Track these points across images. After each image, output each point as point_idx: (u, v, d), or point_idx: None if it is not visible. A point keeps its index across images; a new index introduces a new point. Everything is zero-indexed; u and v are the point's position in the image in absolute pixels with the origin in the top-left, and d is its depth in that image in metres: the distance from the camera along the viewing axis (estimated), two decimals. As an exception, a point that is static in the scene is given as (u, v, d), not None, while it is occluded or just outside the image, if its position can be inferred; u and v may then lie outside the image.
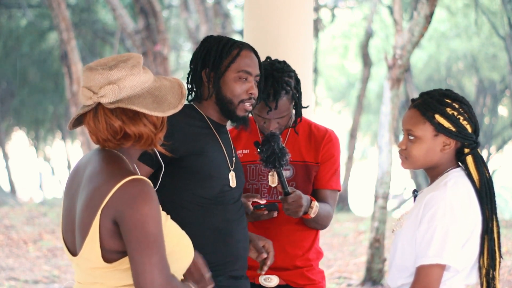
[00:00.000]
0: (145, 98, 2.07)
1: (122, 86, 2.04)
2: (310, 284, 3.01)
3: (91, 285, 2.09)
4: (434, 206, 2.27)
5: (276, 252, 2.97)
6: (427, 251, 2.24)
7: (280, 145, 2.64)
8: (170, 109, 2.08)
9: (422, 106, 2.36)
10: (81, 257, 2.07)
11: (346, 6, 19.25)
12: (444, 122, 2.34)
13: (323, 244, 9.93)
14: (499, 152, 21.33)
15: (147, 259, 1.98)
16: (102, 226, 2.01)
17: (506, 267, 8.45)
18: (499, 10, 16.09)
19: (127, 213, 1.98)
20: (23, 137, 23.08)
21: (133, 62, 2.07)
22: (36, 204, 15.83)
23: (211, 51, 2.59)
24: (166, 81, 2.16)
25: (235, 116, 2.60)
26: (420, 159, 2.38)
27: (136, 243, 1.98)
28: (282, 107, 2.86)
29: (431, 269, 2.24)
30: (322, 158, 2.98)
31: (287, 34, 3.82)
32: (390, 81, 7.34)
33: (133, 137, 2.08)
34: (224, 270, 2.56)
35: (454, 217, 2.26)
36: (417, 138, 2.36)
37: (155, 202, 2.01)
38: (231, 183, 2.59)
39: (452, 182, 2.32)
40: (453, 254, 2.24)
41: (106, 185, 2.00)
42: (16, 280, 7.76)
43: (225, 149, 2.62)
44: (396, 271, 2.39)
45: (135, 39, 10.02)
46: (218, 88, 2.58)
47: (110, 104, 2.04)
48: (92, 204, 2.02)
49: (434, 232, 2.24)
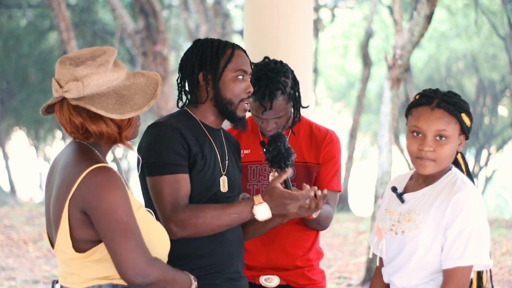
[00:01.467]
0: (109, 97, 2.07)
1: (86, 83, 2.05)
2: (311, 284, 3.01)
3: (69, 276, 2.11)
4: (466, 207, 2.29)
5: (277, 252, 2.98)
6: (464, 253, 2.27)
7: (286, 145, 2.65)
8: (132, 111, 2.07)
9: (449, 106, 2.33)
10: (57, 249, 2.09)
11: (346, 6, 19.24)
12: (467, 121, 2.36)
13: (323, 244, 9.93)
14: (499, 152, 21.31)
15: (123, 247, 1.99)
16: (71, 217, 2.03)
17: (506, 267, 8.45)
18: (499, 10, 16.08)
19: (93, 203, 1.99)
20: (23, 137, 23.06)
21: (101, 60, 2.07)
22: (36, 204, 15.82)
23: (206, 53, 2.57)
24: (141, 78, 2.15)
25: (235, 117, 2.59)
26: (447, 160, 2.36)
27: (108, 231, 1.99)
28: (278, 107, 2.86)
29: (466, 270, 2.28)
30: (323, 159, 2.98)
31: (287, 34, 3.81)
32: (390, 81, 7.34)
33: (94, 135, 2.09)
34: (221, 272, 2.56)
35: (483, 216, 2.31)
36: (448, 138, 2.33)
37: (120, 188, 2.01)
38: (222, 188, 2.57)
39: (467, 180, 2.37)
40: (487, 253, 2.30)
41: (72, 175, 2.03)
42: (16, 280, 7.76)
43: (219, 153, 2.61)
44: (409, 272, 2.38)
45: (135, 39, 10.01)
46: (217, 90, 2.56)
47: (73, 100, 2.06)
48: (61, 195, 2.04)
49: (471, 233, 2.27)
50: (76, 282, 2.09)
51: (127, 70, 2.17)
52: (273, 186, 2.43)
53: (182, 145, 2.46)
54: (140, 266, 2.00)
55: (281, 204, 2.43)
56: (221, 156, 2.61)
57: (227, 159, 2.63)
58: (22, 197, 20.02)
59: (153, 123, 2.54)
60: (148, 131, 2.52)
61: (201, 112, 2.60)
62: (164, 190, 2.43)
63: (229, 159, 2.65)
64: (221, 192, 2.57)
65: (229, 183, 2.61)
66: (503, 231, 11.03)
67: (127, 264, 2.00)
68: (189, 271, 2.45)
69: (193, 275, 2.28)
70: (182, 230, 2.39)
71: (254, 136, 3.02)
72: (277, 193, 2.42)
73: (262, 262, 2.98)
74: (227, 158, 2.64)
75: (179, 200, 2.43)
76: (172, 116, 2.59)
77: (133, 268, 2.00)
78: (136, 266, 2.00)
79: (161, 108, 9.92)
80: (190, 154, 2.48)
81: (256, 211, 2.43)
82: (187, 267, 2.48)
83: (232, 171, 2.65)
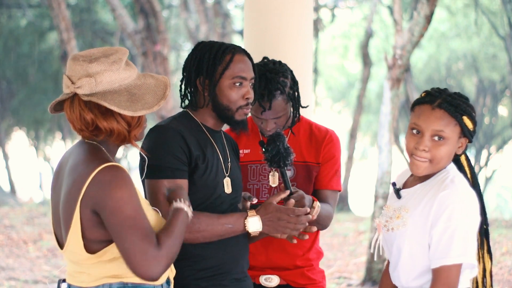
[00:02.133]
0: (120, 95, 2.08)
1: (99, 80, 2.07)
2: (311, 284, 3.01)
3: (78, 275, 2.12)
4: (450, 205, 2.26)
5: (277, 252, 2.98)
6: (449, 251, 2.24)
7: (285, 145, 2.65)
8: (143, 109, 2.09)
9: (451, 107, 2.31)
10: (67, 250, 2.10)
11: (346, 6, 19.24)
12: (469, 124, 2.33)
13: (323, 244, 9.93)
14: (499, 152, 21.30)
15: (130, 243, 1.99)
16: (82, 217, 2.03)
17: (506, 267, 8.45)
18: (499, 10, 16.08)
19: (102, 201, 2.00)
20: (23, 137, 23.05)
21: (114, 58, 2.09)
22: (36, 204, 15.82)
23: (204, 59, 2.55)
24: (151, 80, 2.16)
25: (234, 121, 2.58)
26: (443, 161, 2.34)
27: (116, 229, 2.00)
28: (277, 108, 2.86)
29: (453, 269, 2.25)
30: (323, 158, 2.98)
31: (287, 34, 3.81)
32: (390, 81, 7.34)
33: (104, 132, 2.10)
34: (228, 273, 2.56)
35: (470, 215, 2.28)
36: (445, 139, 2.31)
37: (129, 186, 2.02)
38: (226, 190, 2.57)
39: (459, 179, 2.33)
40: (474, 252, 2.27)
41: (82, 176, 2.03)
42: (16, 280, 7.77)
43: (221, 155, 2.60)
44: (402, 271, 2.38)
45: (135, 39, 10.00)
46: (214, 96, 2.55)
47: (85, 96, 2.07)
48: (72, 196, 2.04)
49: (455, 231, 2.24)
50: (85, 281, 2.10)
51: (137, 71, 2.18)
52: (270, 202, 2.46)
53: (182, 149, 2.46)
54: (149, 260, 2.00)
55: (275, 218, 2.45)
56: (223, 158, 2.61)
57: (229, 161, 2.63)
58: (22, 197, 20.02)
59: (155, 126, 2.54)
60: (149, 134, 2.51)
61: (201, 115, 2.60)
62: (161, 194, 2.43)
63: (231, 160, 2.64)
64: (225, 193, 2.57)
65: (233, 184, 2.60)
66: (503, 231, 11.02)
67: (138, 261, 2.00)
68: (197, 272, 2.47)
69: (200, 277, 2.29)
70: None
71: (254, 135, 3.02)
72: (273, 207, 2.45)
73: (262, 261, 2.98)
74: (229, 160, 2.64)
75: None
76: (174, 118, 2.58)
77: (143, 264, 2.00)
78: (146, 261, 1.99)
79: (162, 108, 9.91)
80: (191, 158, 2.48)
81: (248, 223, 2.44)
82: (194, 268, 2.49)
83: (235, 172, 2.65)
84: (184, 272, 2.47)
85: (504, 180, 23.43)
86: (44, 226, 11.39)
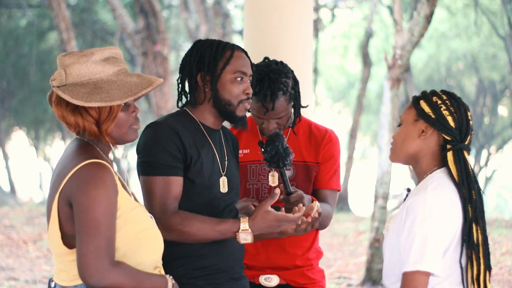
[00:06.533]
0: (85, 87, 2.05)
1: (68, 72, 2.06)
2: (310, 283, 3.01)
3: (60, 273, 2.11)
4: (414, 212, 2.25)
5: (276, 251, 2.98)
6: (408, 258, 2.23)
7: (284, 145, 2.65)
8: (100, 101, 2.02)
9: (415, 97, 2.42)
10: (49, 242, 2.09)
11: (346, 6, 19.25)
12: (425, 107, 2.36)
13: (323, 244, 9.93)
14: (499, 152, 21.33)
15: (85, 244, 1.97)
16: (60, 210, 2.02)
17: (506, 267, 8.45)
18: (499, 10, 16.09)
19: (77, 196, 1.98)
20: (23, 137, 23.06)
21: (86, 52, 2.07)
22: (36, 204, 15.82)
23: (205, 54, 2.56)
24: (135, 79, 2.11)
25: (235, 117, 2.58)
26: (399, 144, 2.40)
27: (79, 226, 1.98)
28: (279, 108, 2.86)
29: (414, 276, 2.22)
30: (322, 158, 2.98)
31: (287, 34, 3.81)
32: (390, 81, 7.34)
33: (73, 127, 2.09)
34: (223, 272, 2.56)
35: (433, 223, 2.23)
36: (402, 123, 2.41)
37: (108, 187, 1.98)
38: (222, 189, 2.57)
39: (433, 186, 2.29)
40: (433, 261, 2.22)
41: (66, 169, 2.02)
42: (16, 280, 7.77)
43: (218, 154, 2.60)
44: (386, 275, 2.39)
45: (135, 39, 10.01)
46: (215, 91, 2.55)
47: (56, 89, 2.06)
48: (54, 188, 2.04)
49: (414, 238, 2.23)
50: (65, 280, 2.08)
51: (126, 70, 2.13)
52: (267, 211, 2.43)
53: (177, 146, 2.46)
54: (97, 267, 1.96)
55: (274, 226, 2.45)
56: (220, 157, 2.61)
57: (226, 160, 2.63)
58: (22, 197, 20.02)
59: (151, 123, 2.54)
60: (145, 131, 2.52)
61: (200, 113, 2.60)
62: (155, 191, 2.43)
63: (228, 159, 2.64)
64: (221, 193, 2.57)
65: (229, 184, 2.60)
66: (503, 231, 11.02)
67: (82, 261, 1.97)
68: (191, 271, 2.46)
69: (195, 276, 2.27)
70: (167, 233, 2.38)
71: (254, 135, 3.03)
72: (272, 217, 2.43)
73: (262, 261, 2.99)
74: (227, 159, 2.64)
75: (168, 203, 2.43)
76: (171, 116, 2.59)
77: (86, 267, 1.97)
78: (93, 267, 1.96)
79: (161, 108, 9.93)
80: (186, 156, 2.48)
81: (239, 237, 2.43)
82: (189, 267, 2.49)
83: (232, 171, 2.65)
84: (180, 271, 2.47)
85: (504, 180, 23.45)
86: (44, 226, 11.38)
